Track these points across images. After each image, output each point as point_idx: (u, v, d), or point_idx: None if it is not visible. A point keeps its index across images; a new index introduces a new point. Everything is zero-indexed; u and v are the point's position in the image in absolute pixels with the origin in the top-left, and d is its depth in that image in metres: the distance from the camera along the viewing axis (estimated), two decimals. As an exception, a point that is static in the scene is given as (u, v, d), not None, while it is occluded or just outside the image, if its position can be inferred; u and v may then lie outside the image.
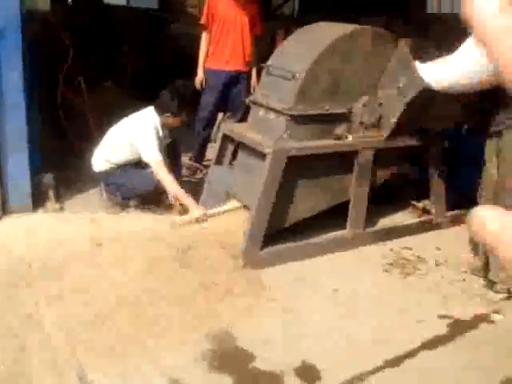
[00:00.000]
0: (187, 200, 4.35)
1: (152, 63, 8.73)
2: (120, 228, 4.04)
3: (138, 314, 3.21)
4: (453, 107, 4.35)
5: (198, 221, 4.18)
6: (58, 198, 4.73)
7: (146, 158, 4.47)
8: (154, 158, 4.44)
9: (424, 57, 4.03)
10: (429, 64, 3.95)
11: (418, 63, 3.98)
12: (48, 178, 4.73)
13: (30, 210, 4.44)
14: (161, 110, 4.59)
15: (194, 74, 5.73)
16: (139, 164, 4.59)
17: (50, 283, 3.37)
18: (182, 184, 4.59)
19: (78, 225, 4.16)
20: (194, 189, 4.74)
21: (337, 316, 3.48)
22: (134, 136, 4.53)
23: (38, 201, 4.54)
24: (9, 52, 4.01)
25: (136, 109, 4.79)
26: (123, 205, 4.67)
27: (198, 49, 5.74)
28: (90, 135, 5.92)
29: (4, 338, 2.90)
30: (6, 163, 4.23)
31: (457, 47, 3.65)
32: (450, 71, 3.73)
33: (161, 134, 4.61)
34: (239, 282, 3.63)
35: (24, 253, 3.66)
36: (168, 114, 4.58)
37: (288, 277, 3.89)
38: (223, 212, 4.25)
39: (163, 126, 4.64)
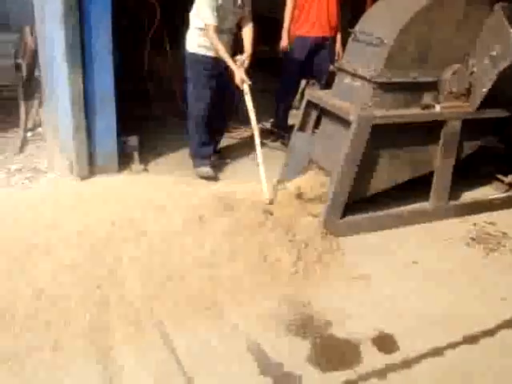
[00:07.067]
0: (229, 62, 4.38)
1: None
2: (202, 190, 4.10)
3: (212, 276, 3.26)
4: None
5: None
6: (142, 159, 4.83)
7: (201, 18, 4.43)
8: (206, 20, 4.37)
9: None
10: None
11: None
12: (133, 140, 4.83)
13: (116, 170, 4.57)
14: None
15: (279, 39, 5.68)
16: None
17: (132, 243, 3.44)
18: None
19: (161, 186, 4.26)
20: (277, 155, 4.73)
21: (414, 288, 3.45)
22: None
23: (123, 162, 4.66)
24: (99, 15, 4.09)
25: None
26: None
27: (283, 13, 5.66)
28: (174, 99, 6.02)
29: (88, 292, 3.00)
30: (93, 124, 4.36)
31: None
32: None
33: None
34: (317, 249, 3.63)
35: (108, 212, 3.74)
36: None
37: (366, 247, 3.87)
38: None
39: None
